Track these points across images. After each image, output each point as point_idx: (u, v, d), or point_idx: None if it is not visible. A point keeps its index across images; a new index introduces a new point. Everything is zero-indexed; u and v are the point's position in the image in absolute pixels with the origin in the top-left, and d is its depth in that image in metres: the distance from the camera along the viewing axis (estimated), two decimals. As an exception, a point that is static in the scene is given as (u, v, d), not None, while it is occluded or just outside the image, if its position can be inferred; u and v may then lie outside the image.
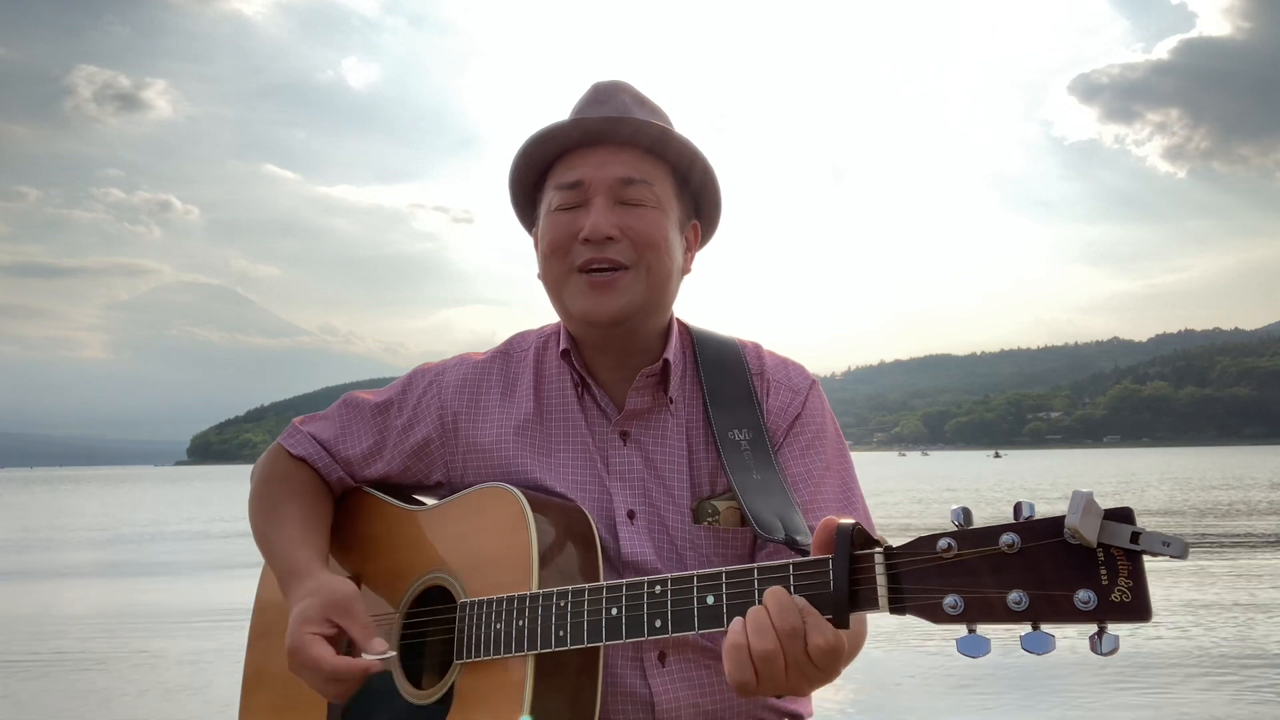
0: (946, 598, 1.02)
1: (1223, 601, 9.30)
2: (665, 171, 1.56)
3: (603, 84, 1.60)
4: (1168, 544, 0.88)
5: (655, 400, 1.59)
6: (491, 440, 1.61)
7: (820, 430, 1.60)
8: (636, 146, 1.53)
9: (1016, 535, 1.00)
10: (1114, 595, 0.94)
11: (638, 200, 1.51)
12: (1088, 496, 0.92)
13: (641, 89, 1.61)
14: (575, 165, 1.53)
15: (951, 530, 1.05)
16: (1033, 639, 0.99)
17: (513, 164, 1.59)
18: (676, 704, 1.48)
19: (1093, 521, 0.93)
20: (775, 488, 1.50)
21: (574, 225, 1.51)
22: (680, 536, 1.54)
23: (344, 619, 1.44)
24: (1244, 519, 19.20)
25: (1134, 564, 0.94)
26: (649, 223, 1.51)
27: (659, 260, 1.52)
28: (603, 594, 1.32)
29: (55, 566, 15.16)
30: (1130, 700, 5.81)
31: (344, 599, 1.46)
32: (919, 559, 1.06)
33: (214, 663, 7.37)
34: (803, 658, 1.12)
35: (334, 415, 1.72)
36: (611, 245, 1.50)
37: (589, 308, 1.51)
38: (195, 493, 48.53)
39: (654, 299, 1.54)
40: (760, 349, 1.67)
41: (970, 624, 1.02)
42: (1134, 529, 0.92)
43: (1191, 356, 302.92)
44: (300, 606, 1.46)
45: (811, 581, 1.13)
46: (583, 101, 1.58)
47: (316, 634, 1.42)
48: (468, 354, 1.72)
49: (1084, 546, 0.95)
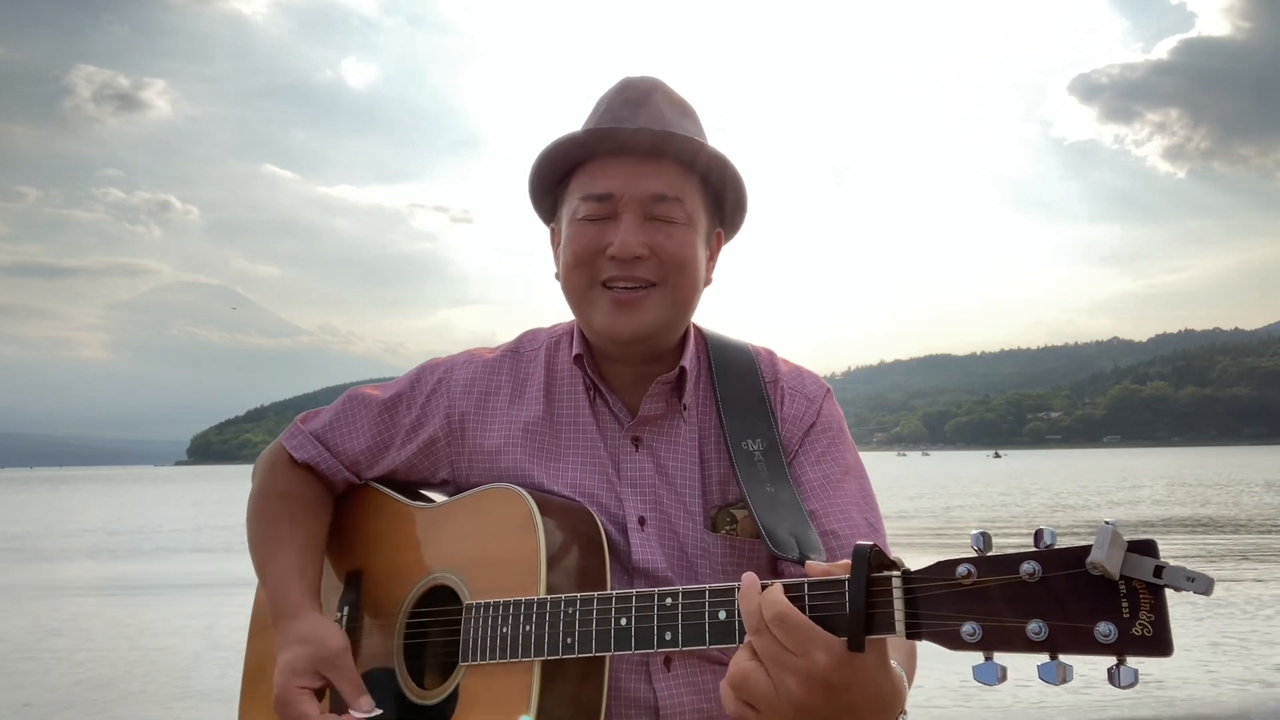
0: (965, 625, 1.00)
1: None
2: (695, 184, 1.51)
3: (634, 80, 1.55)
4: (1192, 579, 0.87)
5: (669, 407, 1.57)
6: (497, 445, 1.58)
7: (837, 437, 1.58)
8: (669, 159, 1.49)
9: (1038, 564, 0.98)
10: (1135, 629, 0.92)
11: (668, 218, 1.48)
12: (1113, 530, 0.91)
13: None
14: (606, 174, 1.48)
15: (971, 556, 1.02)
16: (1050, 669, 0.97)
17: (536, 163, 1.54)
18: (681, 710, 1.47)
19: (1117, 554, 0.92)
20: (788, 501, 1.48)
21: (602, 239, 1.47)
22: (692, 544, 1.52)
23: (333, 674, 1.44)
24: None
25: (1156, 598, 0.92)
26: (679, 242, 1.48)
27: (685, 280, 1.50)
28: (612, 603, 1.30)
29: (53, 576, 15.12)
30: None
31: (333, 654, 1.45)
32: (937, 584, 1.03)
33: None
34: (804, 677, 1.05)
35: (338, 412, 1.68)
36: (639, 264, 1.47)
37: (612, 325, 1.49)
38: (195, 494, 48.43)
39: (678, 317, 1.52)
40: (774, 356, 1.66)
41: (987, 651, 1.01)
42: (1157, 563, 0.90)
43: (1191, 356, 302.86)
44: (288, 656, 1.45)
45: (826, 602, 1.10)
46: (613, 100, 1.53)
47: (304, 688, 1.43)
48: (477, 350, 1.69)
49: (1105, 578, 0.94)
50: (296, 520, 1.63)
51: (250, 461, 1.81)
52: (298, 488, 1.66)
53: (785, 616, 1.07)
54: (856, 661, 1.06)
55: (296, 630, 1.48)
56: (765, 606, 1.08)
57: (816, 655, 1.05)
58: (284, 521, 1.62)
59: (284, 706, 1.43)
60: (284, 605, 1.53)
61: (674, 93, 1.55)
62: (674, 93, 1.55)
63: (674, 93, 1.55)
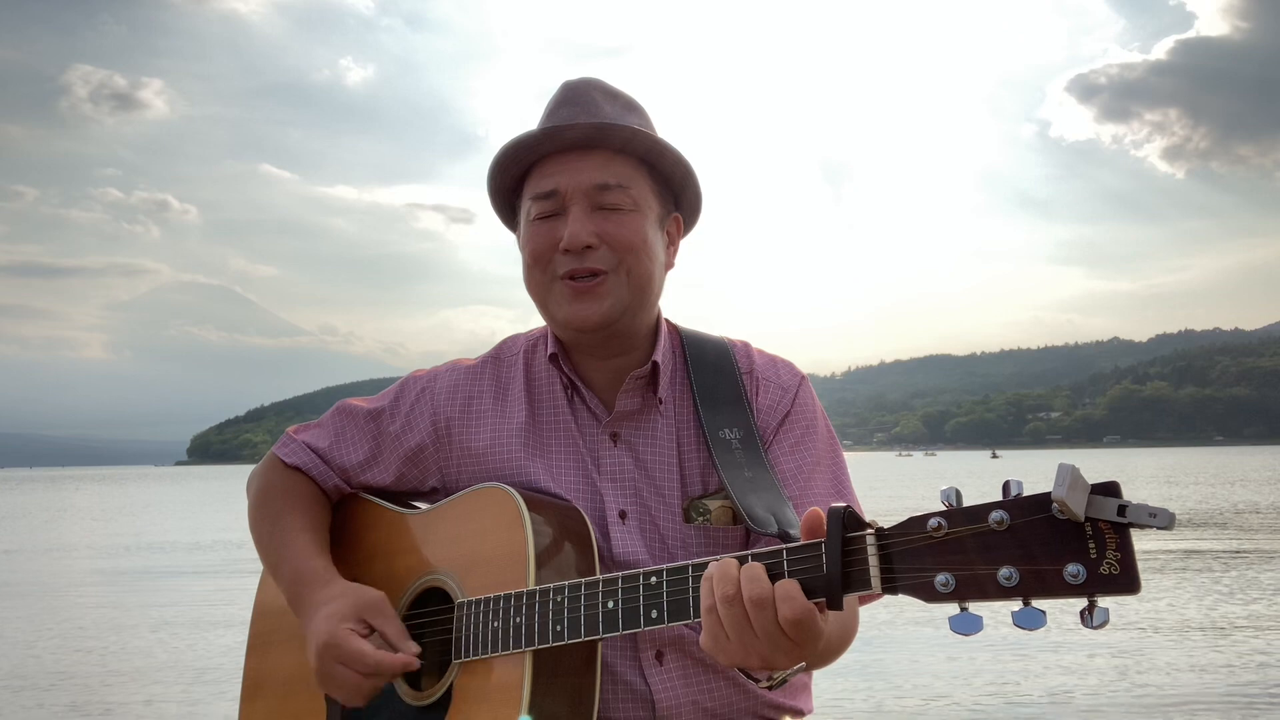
0: (938, 576, 1.03)
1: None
2: (642, 171, 1.56)
3: (572, 82, 1.60)
4: (1154, 515, 0.88)
5: (645, 401, 1.60)
6: (486, 445, 1.62)
7: (810, 426, 1.61)
8: (608, 149, 1.53)
9: (1005, 512, 1.00)
10: (1103, 568, 0.94)
11: (614, 205, 1.52)
12: (1072, 469, 0.93)
13: (637, 88, 1.62)
14: (549, 173, 1.54)
15: (942, 510, 1.05)
16: (1024, 615, 0.99)
17: (488, 174, 1.60)
18: (676, 701, 1.49)
19: (1079, 495, 0.93)
20: (767, 484, 1.51)
21: (553, 235, 1.53)
22: (672, 536, 1.55)
23: (377, 619, 1.47)
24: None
25: (1121, 537, 0.94)
26: (627, 227, 1.52)
27: (639, 262, 1.53)
28: (599, 587, 1.33)
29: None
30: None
31: (375, 601, 1.49)
32: (910, 539, 1.06)
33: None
34: (774, 628, 1.13)
35: (328, 423, 1.73)
36: (591, 253, 1.51)
37: (572, 314, 1.53)
38: (195, 495, 48.48)
39: (637, 300, 1.56)
40: (749, 347, 1.68)
41: (962, 602, 1.03)
42: (1120, 502, 0.92)
43: (1191, 356, 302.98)
44: (330, 607, 1.47)
45: (805, 565, 1.14)
46: (553, 103, 1.58)
47: (352, 630, 1.44)
48: (459, 360, 1.73)
49: (1071, 521, 0.96)
50: (300, 510, 1.66)
51: (250, 461, 1.84)
52: (294, 485, 1.69)
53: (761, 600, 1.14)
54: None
55: (330, 591, 1.51)
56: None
57: (784, 610, 1.13)
58: (289, 511, 1.66)
59: (335, 647, 1.43)
60: (308, 575, 1.56)
61: (613, 89, 1.60)
62: (613, 89, 1.60)
63: (613, 89, 1.60)
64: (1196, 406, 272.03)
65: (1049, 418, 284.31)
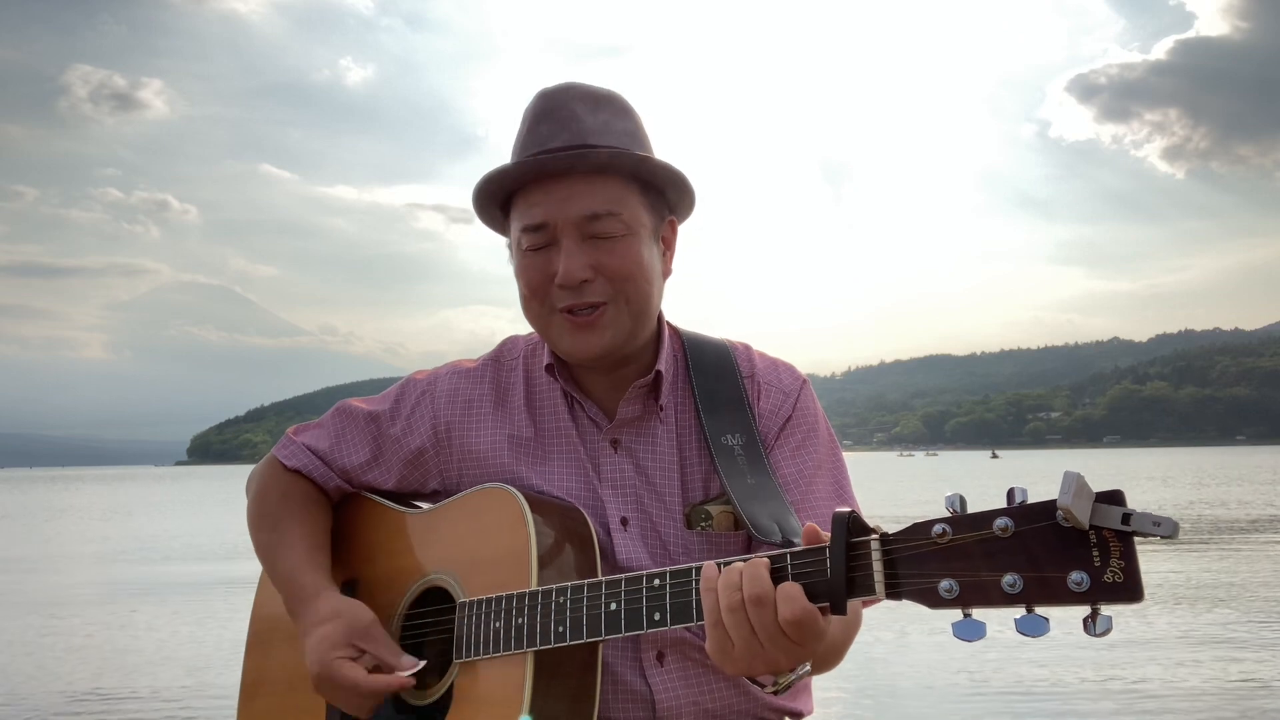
0: (942, 582, 1.04)
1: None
2: (630, 187, 1.50)
3: (549, 91, 1.53)
4: (1158, 524, 0.89)
5: (646, 408, 1.59)
6: (487, 447, 1.61)
7: (811, 430, 1.60)
8: (591, 173, 1.47)
9: (1010, 519, 1.01)
10: (1106, 576, 0.95)
11: (607, 234, 1.47)
12: (1078, 477, 0.93)
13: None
14: (536, 202, 1.48)
15: (946, 516, 1.06)
16: (1027, 622, 1.00)
17: (473, 204, 1.57)
18: (677, 702, 1.49)
19: (1084, 504, 0.94)
20: (769, 491, 1.51)
21: (548, 267, 1.49)
22: (674, 542, 1.54)
23: (369, 643, 1.46)
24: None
25: (1125, 545, 0.95)
26: (621, 255, 1.48)
27: (637, 289, 1.50)
28: (601, 589, 1.33)
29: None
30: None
31: (365, 625, 1.48)
32: (914, 544, 1.07)
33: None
34: (774, 628, 1.14)
35: (328, 424, 1.71)
36: (588, 286, 1.47)
37: (574, 347, 1.51)
38: (195, 495, 48.48)
39: (638, 325, 1.54)
40: (750, 350, 1.67)
41: (965, 608, 1.04)
42: (1125, 510, 0.93)
43: (1191, 356, 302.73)
44: (321, 632, 1.47)
45: (809, 569, 1.14)
46: (530, 117, 1.52)
47: (344, 658, 1.44)
48: (459, 362, 1.71)
49: (1076, 529, 0.96)
50: (298, 516, 1.65)
51: (250, 461, 1.83)
52: (294, 488, 1.68)
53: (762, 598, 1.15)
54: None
55: (321, 609, 1.50)
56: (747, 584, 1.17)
57: (784, 610, 1.14)
58: (285, 518, 1.64)
59: (328, 680, 1.43)
60: (302, 590, 1.55)
61: (594, 92, 1.53)
62: (594, 92, 1.53)
63: (594, 92, 1.53)
64: (1196, 406, 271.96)
65: (1049, 418, 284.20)
